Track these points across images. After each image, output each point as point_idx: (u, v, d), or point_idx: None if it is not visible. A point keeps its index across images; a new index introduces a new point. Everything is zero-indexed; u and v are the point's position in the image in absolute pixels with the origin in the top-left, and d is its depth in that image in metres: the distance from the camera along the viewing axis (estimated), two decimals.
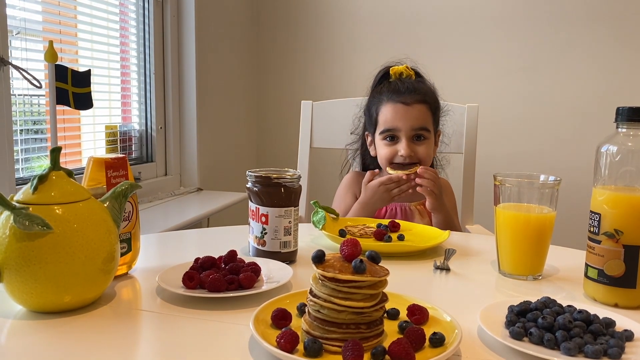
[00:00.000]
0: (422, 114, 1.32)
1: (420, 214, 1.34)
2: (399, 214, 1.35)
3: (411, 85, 1.35)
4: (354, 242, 0.60)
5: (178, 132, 2.25)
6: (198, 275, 0.76)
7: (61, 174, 0.71)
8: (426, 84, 1.39)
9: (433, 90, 1.39)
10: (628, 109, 0.74)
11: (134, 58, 2.08)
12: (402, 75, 1.37)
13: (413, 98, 1.32)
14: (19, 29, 1.55)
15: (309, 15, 2.65)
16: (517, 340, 0.61)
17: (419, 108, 1.32)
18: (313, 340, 0.56)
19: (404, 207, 1.36)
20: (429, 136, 1.33)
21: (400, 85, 1.35)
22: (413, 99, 1.32)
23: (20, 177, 1.56)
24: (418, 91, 1.33)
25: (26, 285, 0.65)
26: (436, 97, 1.38)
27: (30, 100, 1.65)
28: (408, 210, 1.36)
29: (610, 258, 0.74)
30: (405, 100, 1.32)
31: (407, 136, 1.31)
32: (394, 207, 1.37)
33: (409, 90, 1.33)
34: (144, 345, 0.64)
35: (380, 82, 1.41)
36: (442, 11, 2.47)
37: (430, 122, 1.34)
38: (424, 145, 1.32)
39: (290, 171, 0.94)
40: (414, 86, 1.34)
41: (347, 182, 1.47)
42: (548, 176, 0.88)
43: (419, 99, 1.32)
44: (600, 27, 2.29)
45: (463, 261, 0.96)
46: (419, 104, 1.32)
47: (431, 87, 1.39)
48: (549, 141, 2.39)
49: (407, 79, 1.36)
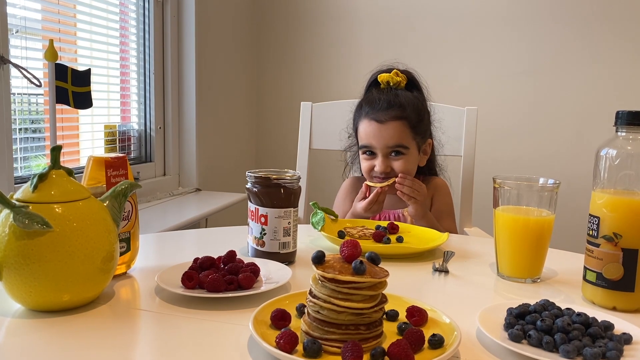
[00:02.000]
0: (397, 132, 1.29)
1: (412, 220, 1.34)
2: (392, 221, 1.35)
3: (389, 98, 1.31)
4: (354, 243, 0.60)
5: (177, 132, 2.25)
6: (197, 275, 0.76)
7: (61, 172, 0.71)
8: (409, 94, 1.34)
9: (416, 100, 1.34)
10: (627, 112, 0.75)
11: (133, 58, 2.07)
12: (389, 83, 1.34)
13: (388, 115, 1.29)
14: (19, 27, 1.55)
15: (309, 16, 2.66)
16: (516, 342, 0.61)
17: (394, 125, 1.29)
18: (312, 341, 0.56)
19: (396, 215, 1.37)
20: (406, 152, 1.31)
21: (377, 99, 1.32)
22: (388, 115, 1.29)
23: (19, 176, 1.56)
24: (395, 106, 1.30)
25: (25, 283, 0.65)
26: (419, 108, 1.33)
27: (29, 99, 1.64)
28: (401, 217, 1.36)
29: (609, 261, 0.74)
30: (379, 117, 1.30)
31: (382, 153, 1.31)
32: (386, 214, 1.38)
33: (385, 105, 1.30)
34: (143, 345, 0.63)
35: (369, 89, 1.40)
36: (442, 13, 2.47)
37: (408, 137, 1.31)
38: (401, 160, 1.31)
39: (290, 172, 0.94)
40: (391, 100, 1.31)
41: (346, 188, 1.48)
42: (547, 179, 0.88)
43: (395, 115, 1.29)
44: (600, 31, 2.30)
45: (462, 263, 0.96)
46: (394, 120, 1.29)
47: (415, 96, 1.34)
48: (548, 144, 2.40)
49: (393, 87, 1.33)
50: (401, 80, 1.34)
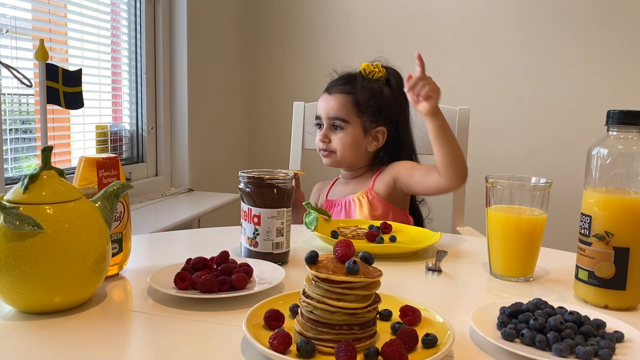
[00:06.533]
0: (340, 104, 1.35)
1: (360, 204, 1.32)
2: (342, 209, 1.36)
3: (347, 77, 1.38)
4: (347, 243, 0.60)
5: (169, 132, 2.24)
6: (190, 276, 0.75)
7: (52, 173, 0.71)
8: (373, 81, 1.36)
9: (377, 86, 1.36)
10: (619, 112, 0.75)
11: (125, 57, 2.06)
12: (365, 70, 1.38)
13: (338, 88, 1.37)
14: (9, 27, 1.54)
15: (302, 16, 2.65)
16: (509, 341, 0.61)
17: (338, 98, 1.35)
18: (306, 341, 0.56)
19: (346, 201, 1.37)
20: (346, 126, 1.35)
21: (339, 77, 1.40)
22: (338, 89, 1.37)
23: (9, 177, 1.54)
24: (349, 82, 1.36)
25: (16, 285, 0.65)
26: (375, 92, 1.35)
27: (20, 100, 1.63)
28: (350, 203, 1.36)
29: (600, 260, 0.75)
30: (330, 89, 1.38)
31: (326, 124, 1.37)
32: (339, 203, 1.38)
33: (340, 80, 1.38)
34: (135, 347, 0.63)
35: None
36: (435, 13, 2.48)
37: (351, 112, 1.34)
38: (339, 135, 1.35)
39: (283, 172, 0.93)
40: (347, 77, 1.38)
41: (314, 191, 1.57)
42: (539, 178, 0.89)
43: (344, 90, 1.36)
44: (592, 30, 2.31)
45: (454, 263, 0.96)
46: (342, 94, 1.36)
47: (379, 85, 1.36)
48: (540, 144, 2.41)
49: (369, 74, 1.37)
50: (377, 71, 1.38)
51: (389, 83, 1.39)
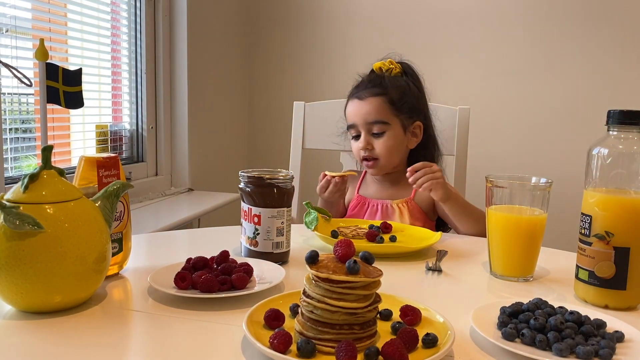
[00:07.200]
0: (376, 107, 1.32)
1: (400, 212, 1.33)
2: (379, 212, 1.35)
3: (373, 79, 1.36)
4: (347, 242, 0.60)
5: (169, 131, 2.24)
6: (190, 276, 0.75)
7: (52, 173, 0.71)
8: (397, 78, 1.36)
9: (403, 82, 1.35)
10: (619, 112, 0.75)
11: (125, 57, 2.06)
12: (381, 69, 1.37)
13: (369, 92, 1.33)
14: (9, 26, 1.54)
15: (302, 16, 2.65)
16: (509, 341, 0.61)
17: (372, 101, 1.32)
18: (306, 341, 0.56)
19: (385, 205, 1.35)
20: (387, 128, 1.32)
21: (363, 81, 1.38)
22: (369, 92, 1.33)
23: (9, 177, 1.54)
24: (377, 85, 1.34)
25: (16, 285, 0.65)
26: (404, 88, 1.35)
27: (19, 99, 1.63)
28: (389, 208, 1.35)
29: (600, 260, 0.75)
30: (360, 95, 1.34)
31: (365, 130, 1.33)
32: (375, 204, 1.36)
33: (369, 85, 1.35)
34: (136, 346, 0.63)
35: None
36: (435, 13, 2.48)
37: (388, 113, 1.32)
38: (382, 139, 1.32)
39: (283, 172, 0.93)
40: (374, 80, 1.35)
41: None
42: (539, 178, 0.89)
43: (375, 92, 1.33)
44: (592, 30, 2.31)
45: (455, 262, 0.96)
46: (374, 97, 1.33)
47: (405, 80, 1.36)
48: (540, 143, 2.41)
49: (386, 73, 1.36)
50: (394, 67, 1.37)
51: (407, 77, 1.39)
